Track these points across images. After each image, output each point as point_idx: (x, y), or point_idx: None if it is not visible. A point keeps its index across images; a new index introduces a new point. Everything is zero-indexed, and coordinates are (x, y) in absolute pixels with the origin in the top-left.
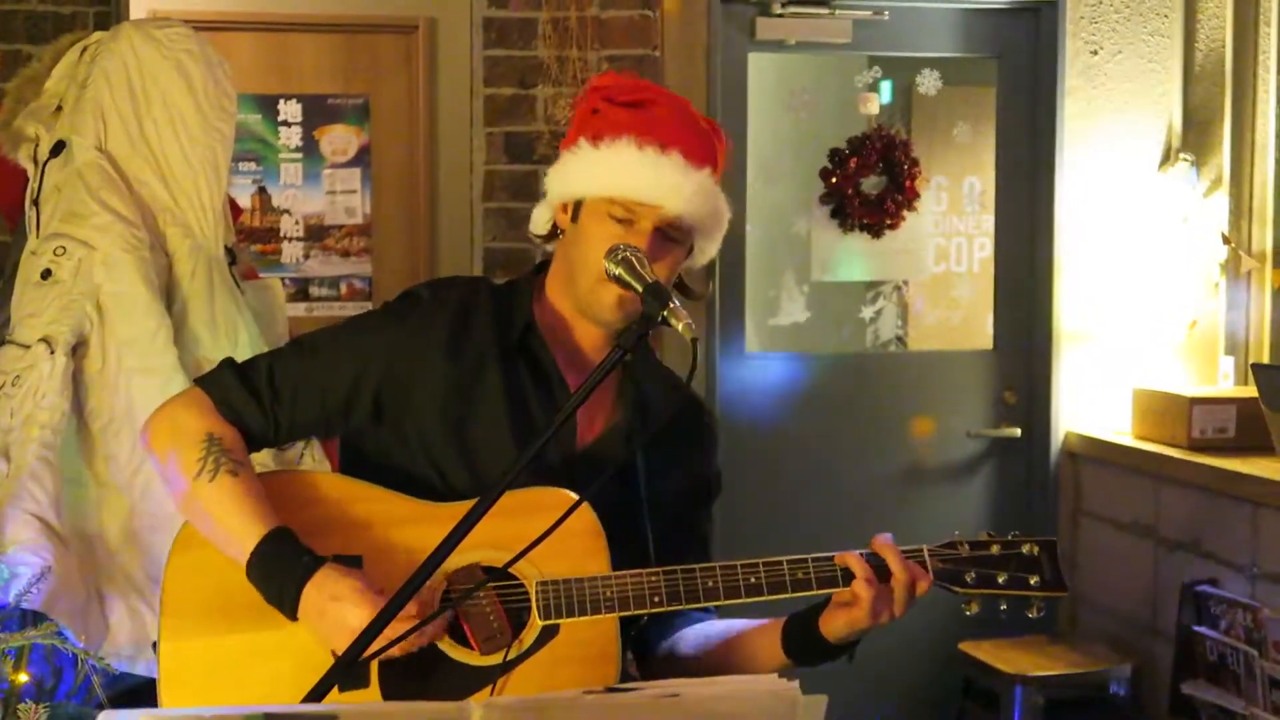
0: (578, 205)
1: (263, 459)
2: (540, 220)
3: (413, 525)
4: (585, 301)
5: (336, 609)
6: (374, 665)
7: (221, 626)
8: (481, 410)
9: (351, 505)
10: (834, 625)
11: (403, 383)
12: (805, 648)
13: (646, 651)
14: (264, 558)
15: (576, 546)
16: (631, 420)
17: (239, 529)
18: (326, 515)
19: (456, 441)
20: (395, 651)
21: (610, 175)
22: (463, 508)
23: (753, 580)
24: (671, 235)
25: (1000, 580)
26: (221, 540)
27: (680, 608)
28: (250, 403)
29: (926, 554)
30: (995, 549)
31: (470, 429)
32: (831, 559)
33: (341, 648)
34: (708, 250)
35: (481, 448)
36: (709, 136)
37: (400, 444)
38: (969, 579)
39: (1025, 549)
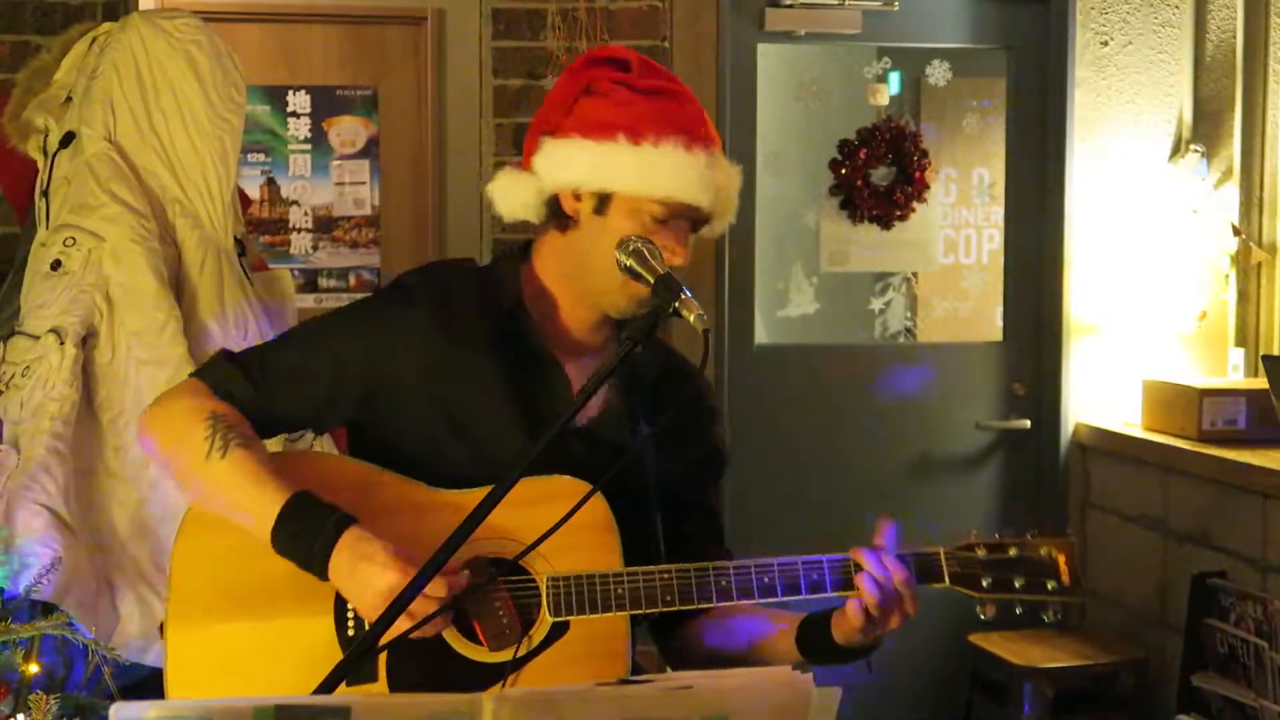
0: (605, 198)
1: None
2: (521, 202)
3: (434, 513)
4: (603, 295)
5: (366, 569)
6: (382, 660)
7: (229, 613)
8: (478, 397)
9: (370, 490)
10: (841, 629)
11: (391, 373)
12: (818, 647)
13: (668, 633)
14: (290, 520)
15: (588, 541)
16: (630, 399)
17: (259, 498)
18: (344, 499)
19: (458, 430)
20: (405, 624)
21: (659, 177)
22: (481, 495)
23: (766, 580)
24: (697, 226)
25: (1017, 585)
26: (242, 514)
27: (692, 607)
28: (248, 389)
29: (943, 556)
30: (1012, 551)
31: (471, 416)
32: (846, 560)
33: (368, 609)
34: (721, 226)
35: (485, 435)
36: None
37: (402, 433)
38: (985, 583)
39: (1043, 551)
